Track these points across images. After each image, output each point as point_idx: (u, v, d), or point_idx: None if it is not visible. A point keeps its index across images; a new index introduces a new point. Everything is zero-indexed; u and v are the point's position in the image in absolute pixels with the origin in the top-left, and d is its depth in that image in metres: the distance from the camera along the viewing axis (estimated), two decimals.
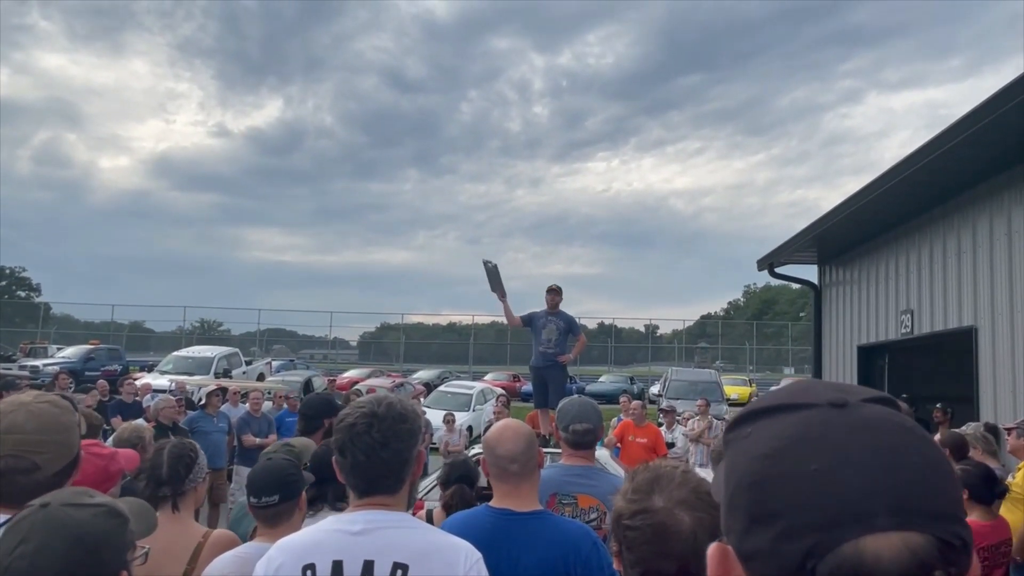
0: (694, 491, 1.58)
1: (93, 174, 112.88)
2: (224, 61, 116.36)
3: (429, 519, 3.56)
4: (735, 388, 29.72)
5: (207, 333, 50.08)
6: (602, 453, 8.65)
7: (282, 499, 2.68)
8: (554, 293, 8.31)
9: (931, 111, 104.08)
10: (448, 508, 3.68)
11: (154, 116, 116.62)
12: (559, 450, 8.38)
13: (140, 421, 8.41)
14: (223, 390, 10.61)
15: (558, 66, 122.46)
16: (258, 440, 9.63)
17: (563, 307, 8.44)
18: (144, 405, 9.22)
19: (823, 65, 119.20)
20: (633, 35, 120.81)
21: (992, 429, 7.38)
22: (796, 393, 0.72)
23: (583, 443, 3.41)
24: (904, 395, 10.90)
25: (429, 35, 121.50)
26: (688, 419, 11.84)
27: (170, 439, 3.23)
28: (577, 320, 8.61)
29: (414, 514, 2.51)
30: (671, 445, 10.89)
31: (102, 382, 12.23)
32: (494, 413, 11.11)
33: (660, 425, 11.72)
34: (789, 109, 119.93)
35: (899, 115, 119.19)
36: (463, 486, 3.89)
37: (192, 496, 2.97)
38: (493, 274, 8.03)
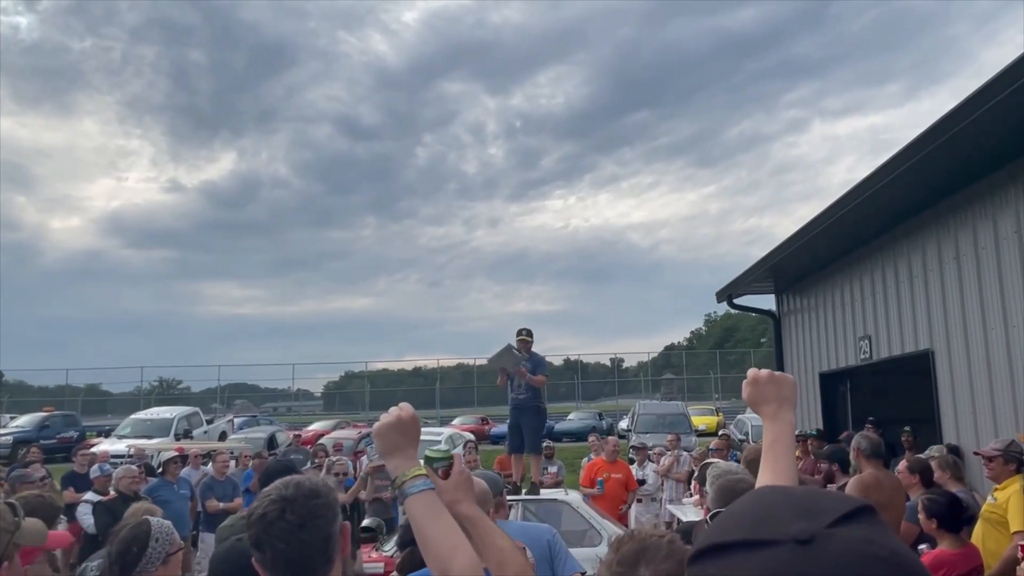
0: (681, 563, 1.54)
1: (43, 235, 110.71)
2: (175, 116, 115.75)
3: None
4: (703, 419, 29.78)
5: (166, 392, 48.96)
6: (574, 497, 8.58)
7: None
8: (522, 341, 8.28)
9: (873, 136, 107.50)
10: (401, 571, 3.61)
11: (105, 175, 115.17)
12: (530, 497, 8.27)
13: (89, 494, 8.15)
14: (183, 456, 10.34)
15: (510, 107, 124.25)
16: (222, 505, 9.37)
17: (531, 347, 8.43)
18: (92, 476, 8.89)
19: (767, 97, 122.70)
20: (582, 75, 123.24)
21: (954, 450, 7.50)
22: (759, 523, 0.66)
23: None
24: (871, 418, 11.04)
25: (381, 83, 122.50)
26: (659, 456, 11.81)
27: (125, 522, 3.11)
28: (545, 359, 8.59)
29: None
30: (642, 482, 10.86)
31: (35, 450, 11.72)
32: (464, 463, 10.97)
33: (632, 462, 11.71)
34: (737, 140, 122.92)
35: (844, 141, 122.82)
36: (416, 548, 3.80)
37: None
38: (506, 354, 7.97)
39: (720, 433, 20.44)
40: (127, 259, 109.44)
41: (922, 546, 4.68)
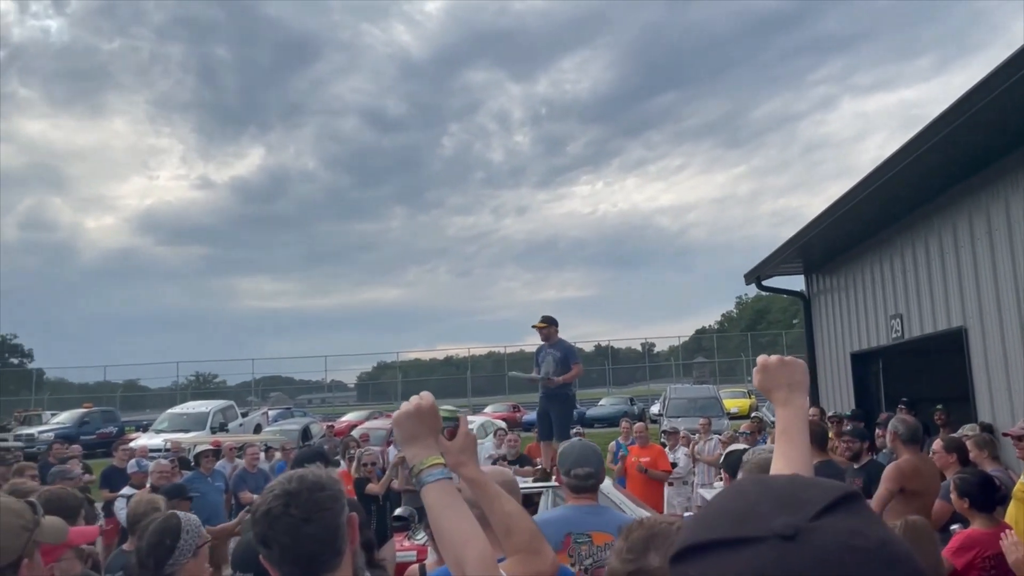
0: None
1: (79, 235, 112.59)
2: (203, 114, 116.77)
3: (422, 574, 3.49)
4: (735, 401, 29.60)
5: (202, 387, 49.70)
6: (606, 484, 8.58)
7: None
8: (542, 328, 8.26)
9: (904, 111, 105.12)
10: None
11: (137, 173, 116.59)
12: (556, 484, 8.27)
13: (127, 489, 8.30)
14: (216, 449, 10.49)
15: (535, 94, 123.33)
16: (255, 497, 9.49)
17: (561, 334, 8.40)
18: (129, 471, 9.06)
19: (794, 75, 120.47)
20: (606, 59, 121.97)
21: (987, 428, 7.37)
22: (741, 519, 0.63)
23: (585, 487, 3.39)
24: (904, 399, 10.87)
25: (406, 73, 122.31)
26: (693, 441, 11.73)
27: (157, 514, 3.17)
28: (574, 347, 8.56)
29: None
30: (674, 465, 10.82)
31: (75, 447, 12.05)
32: (508, 444, 11.03)
33: (664, 445, 11.68)
34: (765, 120, 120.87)
35: (874, 118, 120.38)
36: None
37: (184, 572, 2.91)
38: (519, 379, 8.04)
39: (752, 416, 20.31)
40: (161, 256, 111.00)
41: (954, 526, 4.61)
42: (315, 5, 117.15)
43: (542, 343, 8.29)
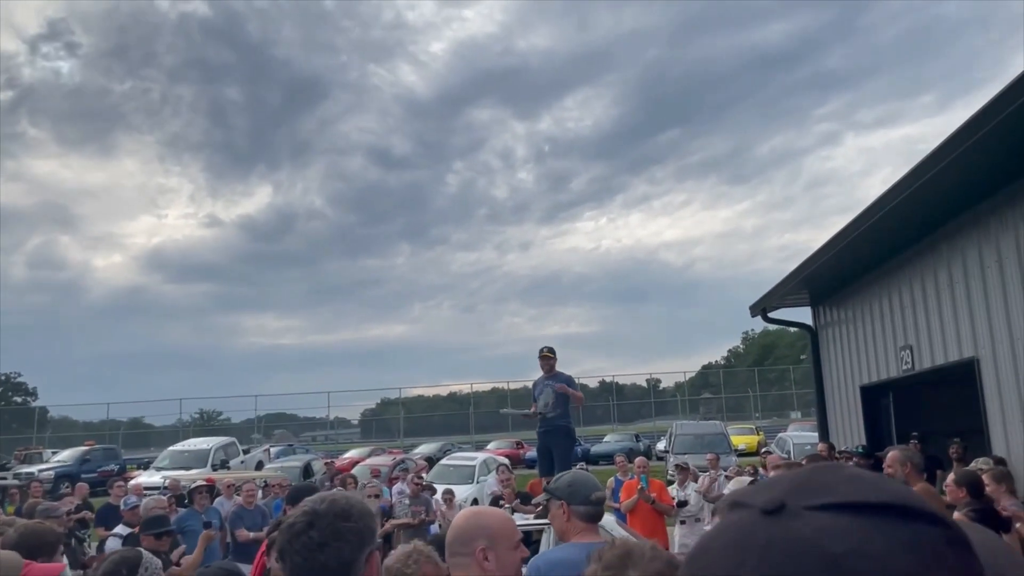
0: (668, 564, 1.52)
1: (87, 274, 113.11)
2: (212, 153, 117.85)
3: None
4: (743, 438, 29.21)
5: (206, 424, 49.42)
6: (608, 520, 8.35)
7: None
8: (544, 358, 8.16)
9: (909, 147, 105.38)
10: None
11: (145, 212, 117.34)
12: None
13: (120, 528, 8.11)
14: (210, 486, 10.32)
15: (539, 132, 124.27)
16: (252, 535, 9.29)
17: (563, 368, 8.31)
18: (122, 509, 8.88)
19: (798, 111, 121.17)
20: (610, 96, 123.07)
21: (1000, 462, 7.16)
22: (752, 490, 0.60)
23: (600, 513, 3.26)
24: (914, 433, 10.66)
25: (412, 112, 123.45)
26: (706, 478, 11.47)
27: (115, 551, 3.02)
28: (575, 379, 8.43)
29: None
30: (684, 503, 10.54)
31: (82, 484, 11.88)
32: (500, 483, 10.82)
33: (670, 483, 11.45)
34: (769, 156, 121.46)
35: (879, 153, 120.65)
36: None
37: None
38: (513, 416, 7.98)
39: (761, 452, 20.00)
40: (168, 294, 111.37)
41: None
42: (323, 46, 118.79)
43: (542, 376, 8.18)
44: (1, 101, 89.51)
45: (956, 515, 4.59)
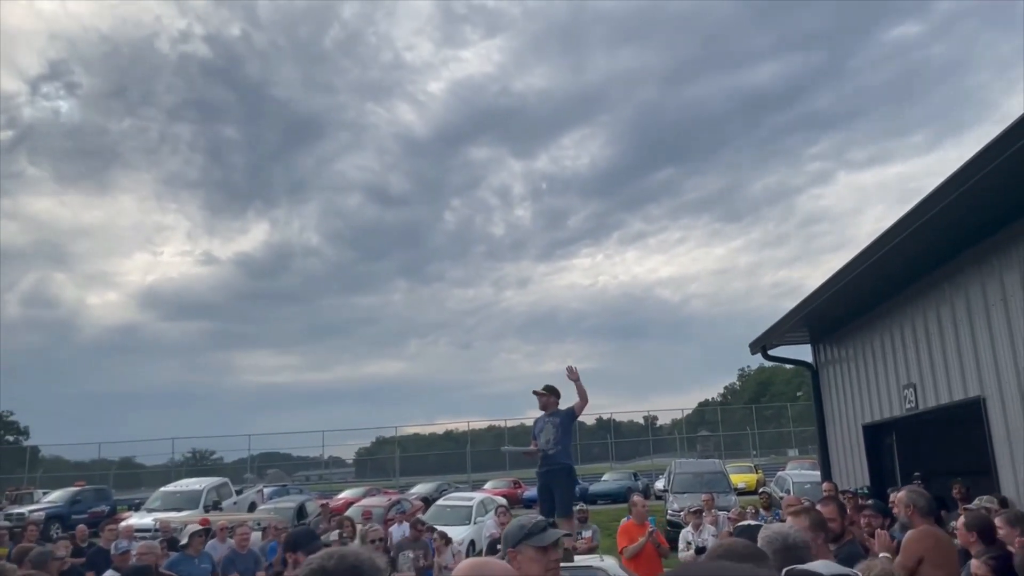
0: None
1: (81, 312, 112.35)
2: (209, 191, 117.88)
3: None
4: (741, 476, 28.92)
5: (198, 464, 48.77)
6: (610, 563, 8.14)
7: None
8: (541, 395, 8.05)
9: (901, 185, 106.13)
10: None
11: (141, 250, 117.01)
12: (563, 564, 7.89)
13: (109, 572, 7.91)
14: (207, 529, 10.08)
15: (536, 170, 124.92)
16: None
17: (563, 407, 8.17)
18: (112, 554, 8.67)
19: (790, 151, 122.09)
20: (605, 136, 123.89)
21: (1003, 503, 7.02)
22: None
23: (545, 526, 3.19)
24: (917, 473, 10.51)
25: (409, 151, 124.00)
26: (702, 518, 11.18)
27: None
28: (575, 412, 8.28)
29: None
30: (702, 550, 10.12)
31: (81, 527, 11.66)
32: (500, 525, 10.58)
33: (673, 524, 11.22)
34: (763, 194, 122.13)
35: (871, 191, 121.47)
36: None
37: None
38: (514, 454, 7.85)
39: (760, 491, 19.76)
40: (163, 332, 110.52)
41: None
42: (322, 85, 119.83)
43: (541, 414, 8.06)
44: (1, 141, 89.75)
45: (974, 563, 4.46)
